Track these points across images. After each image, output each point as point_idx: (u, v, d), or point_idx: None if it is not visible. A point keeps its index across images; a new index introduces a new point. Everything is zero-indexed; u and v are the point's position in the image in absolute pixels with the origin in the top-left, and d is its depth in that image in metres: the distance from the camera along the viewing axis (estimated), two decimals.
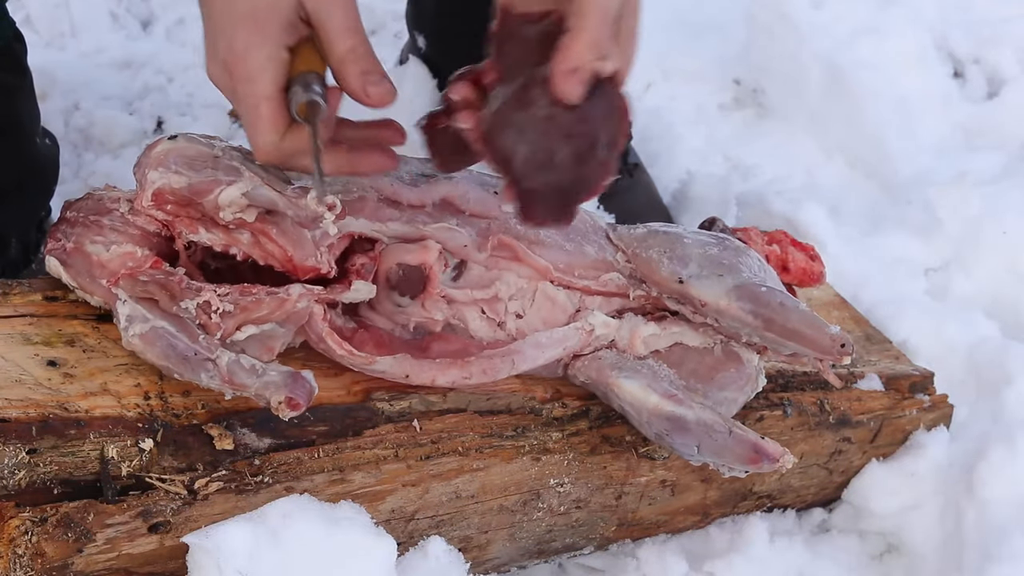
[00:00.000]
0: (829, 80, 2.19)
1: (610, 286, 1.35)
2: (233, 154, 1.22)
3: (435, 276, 1.27)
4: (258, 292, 1.20)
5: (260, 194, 1.20)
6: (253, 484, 1.15)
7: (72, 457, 1.10)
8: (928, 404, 1.57)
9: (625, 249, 1.35)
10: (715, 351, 1.34)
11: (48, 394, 1.13)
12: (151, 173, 1.21)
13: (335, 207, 1.21)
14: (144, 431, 1.14)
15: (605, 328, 1.33)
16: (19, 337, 1.19)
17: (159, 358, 1.17)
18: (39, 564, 1.06)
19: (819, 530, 1.57)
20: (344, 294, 1.25)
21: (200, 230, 1.23)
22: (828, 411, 1.48)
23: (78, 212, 1.25)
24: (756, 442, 1.25)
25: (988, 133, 2.28)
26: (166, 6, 2.31)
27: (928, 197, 1.99)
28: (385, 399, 1.26)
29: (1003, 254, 1.95)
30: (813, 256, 1.47)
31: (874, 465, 1.54)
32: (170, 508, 1.11)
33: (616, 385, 1.29)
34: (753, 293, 1.28)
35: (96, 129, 1.98)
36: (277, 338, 1.24)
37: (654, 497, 1.40)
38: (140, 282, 1.19)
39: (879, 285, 1.82)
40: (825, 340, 1.26)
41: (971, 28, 2.42)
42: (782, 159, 2.17)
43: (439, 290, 1.28)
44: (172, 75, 2.12)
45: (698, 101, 2.28)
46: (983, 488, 1.47)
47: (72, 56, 2.15)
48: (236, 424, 1.18)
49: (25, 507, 1.06)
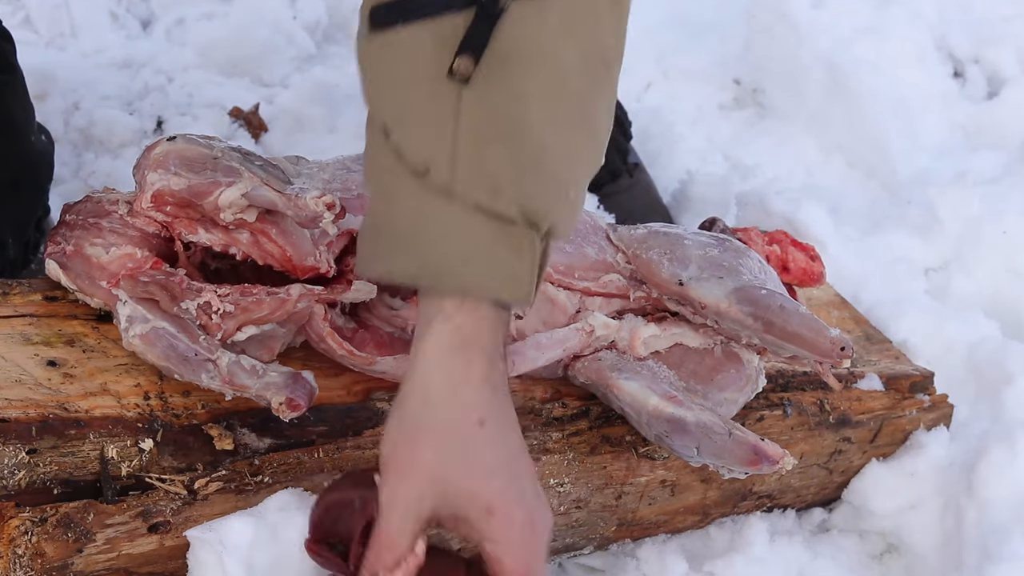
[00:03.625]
0: (829, 80, 2.19)
1: (610, 287, 1.35)
2: (232, 155, 1.22)
3: None
4: (258, 292, 1.20)
5: (260, 194, 1.20)
6: (253, 484, 1.15)
7: (72, 457, 1.10)
8: (928, 404, 1.57)
9: (625, 250, 1.35)
10: (715, 352, 1.34)
11: (48, 394, 1.13)
12: (150, 175, 1.21)
13: (335, 207, 1.21)
14: (144, 431, 1.14)
15: (605, 329, 1.33)
16: (19, 337, 1.19)
17: (159, 359, 1.17)
18: (39, 564, 1.06)
19: (819, 530, 1.57)
20: (345, 294, 1.25)
21: (199, 231, 1.23)
22: (828, 411, 1.48)
23: (77, 215, 1.25)
24: (756, 444, 1.25)
25: (988, 133, 2.28)
26: (166, 6, 2.31)
27: (928, 197, 1.99)
28: (385, 399, 1.26)
29: (1003, 254, 1.95)
30: (813, 256, 1.47)
31: (874, 465, 1.54)
32: (170, 508, 1.11)
33: (616, 386, 1.29)
34: (753, 295, 1.28)
35: (96, 129, 1.98)
36: (277, 338, 1.24)
37: (654, 497, 1.40)
38: (141, 283, 1.19)
39: (879, 285, 1.82)
40: (825, 343, 1.26)
41: (971, 28, 2.42)
42: (782, 159, 2.17)
43: None
44: (172, 75, 2.12)
45: (698, 101, 2.28)
46: (983, 488, 1.47)
47: (72, 56, 2.15)
48: (236, 424, 1.18)
49: (25, 507, 1.06)
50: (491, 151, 0.99)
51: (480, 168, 0.99)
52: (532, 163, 1.00)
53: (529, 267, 1.01)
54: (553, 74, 1.00)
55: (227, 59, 2.18)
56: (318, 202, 1.17)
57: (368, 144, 1.05)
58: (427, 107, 1.00)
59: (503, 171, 0.99)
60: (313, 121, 2.07)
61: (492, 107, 0.99)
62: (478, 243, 1.00)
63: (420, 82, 1.00)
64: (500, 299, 1.01)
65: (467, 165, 0.99)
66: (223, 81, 2.14)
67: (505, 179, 0.99)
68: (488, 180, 0.99)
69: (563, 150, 1.02)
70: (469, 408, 1.01)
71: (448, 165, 0.99)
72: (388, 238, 1.02)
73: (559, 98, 1.01)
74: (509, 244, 1.00)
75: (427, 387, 1.02)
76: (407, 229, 1.01)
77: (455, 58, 0.98)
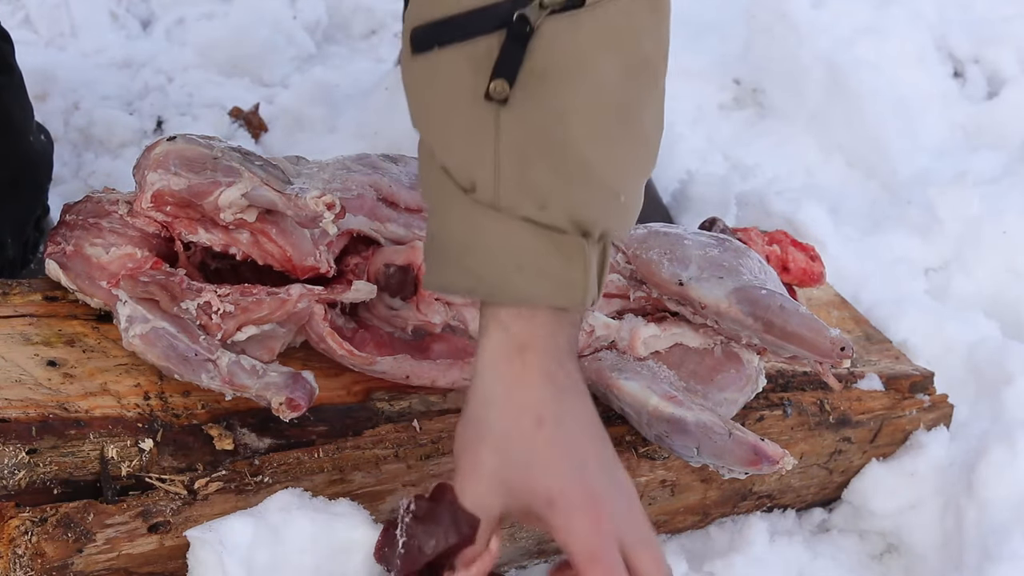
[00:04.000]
0: (829, 80, 2.19)
1: (610, 287, 1.35)
2: (232, 155, 1.22)
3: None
4: (258, 292, 1.20)
5: (260, 194, 1.20)
6: (253, 484, 1.15)
7: (72, 457, 1.10)
8: (928, 404, 1.57)
9: (625, 250, 1.35)
10: (715, 352, 1.34)
11: (48, 394, 1.13)
12: (150, 175, 1.21)
13: (335, 207, 1.21)
14: (144, 431, 1.14)
15: (605, 329, 1.33)
16: (19, 337, 1.19)
17: (159, 359, 1.17)
18: (39, 564, 1.06)
19: (819, 530, 1.57)
20: (345, 294, 1.25)
21: (199, 231, 1.23)
22: (828, 411, 1.48)
23: (77, 215, 1.25)
24: (756, 444, 1.24)
25: (988, 133, 2.28)
26: (166, 6, 2.31)
27: (928, 197, 1.99)
28: (385, 399, 1.26)
29: (1003, 254, 1.95)
30: (813, 256, 1.47)
31: (874, 465, 1.54)
32: (170, 508, 1.11)
33: (616, 386, 1.29)
34: (753, 296, 1.28)
35: (96, 129, 1.98)
36: (277, 338, 1.24)
37: (654, 497, 1.40)
38: (141, 283, 1.19)
39: (879, 285, 1.82)
40: (825, 343, 1.26)
41: (971, 28, 2.42)
42: (782, 159, 2.17)
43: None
44: (172, 75, 2.12)
45: (698, 101, 2.28)
46: (983, 488, 1.47)
47: (72, 56, 2.15)
48: (236, 424, 1.18)
49: (25, 507, 1.06)
50: (534, 168, 1.00)
51: (524, 185, 1.00)
52: (577, 176, 1.01)
53: (582, 272, 1.03)
54: (592, 87, 1.01)
55: (227, 59, 2.18)
56: (318, 202, 1.17)
57: (420, 161, 1.07)
58: (468, 129, 1.01)
59: (548, 186, 1.00)
60: (313, 121, 2.07)
61: (531, 126, 1.00)
62: (529, 253, 1.01)
63: (459, 105, 1.01)
64: (556, 305, 1.03)
65: (511, 183, 1.00)
66: (223, 81, 2.14)
67: (550, 194, 1.00)
68: (533, 196, 1.00)
69: (608, 160, 1.03)
70: (525, 408, 1.03)
71: (492, 184, 1.00)
72: (444, 253, 1.04)
73: (600, 110, 1.02)
74: (560, 252, 1.02)
75: (485, 391, 1.04)
76: (461, 243, 1.03)
77: (490, 81, 0.99)
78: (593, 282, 1.04)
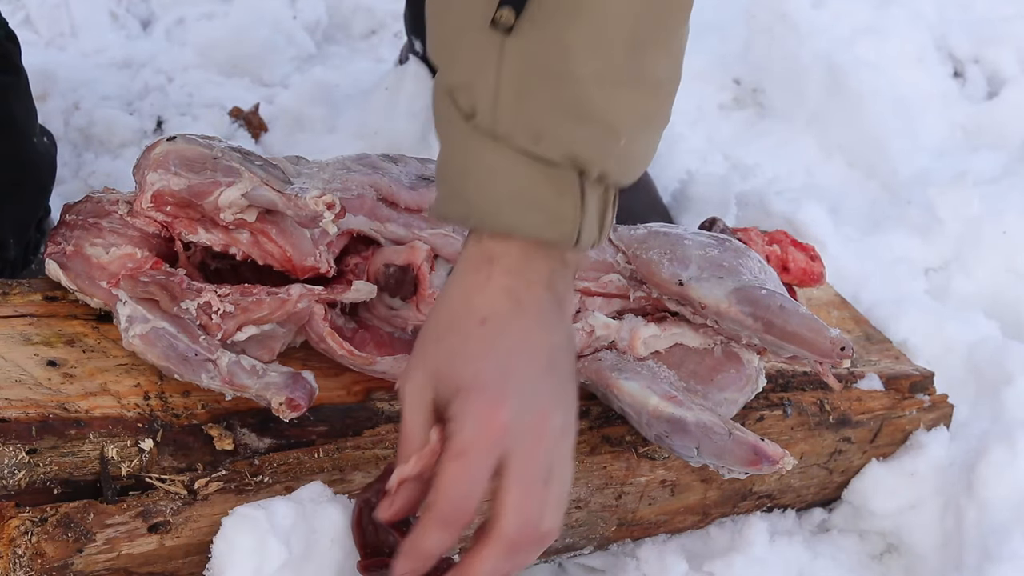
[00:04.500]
0: (829, 80, 2.19)
1: (610, 287, 1.35)
2: (232, 155, 1.22)
3: (424, 277, 1.27)
4: (259, 292, 1.20)
5: (260, 194, 1.20)
6: (253, 484, 1.15)
7: (72, 457, 1.10)
8: (928, 404, 1.57)
9: (625, 250, 1.35)
10: (715, 352, 1.34)
11: (48, 394, 1.13)
12: (150, 175, 1.21)
13: (335, 206, 1.21)
14: (144, 431, 1.14)
15: (605, 329, 1.33)
16: (19, 337, 1.19)
17: (159, 359, 1.17)
18: (39, 564, 1.06)
19: (819, 530, 1.57)
20: (345, 294, 1.25)
21: (199, 231, 1.23)
22: (828, 411, 1.48)
23: (77, 215, 1.25)
24: (756, 444, 1.24)
25: (988, 133, 2.28)
26: (166, 6, 2.31)
27: (928, 197, 1.99)
28: (385, 399, 1.26)
29: (1003, 254, 1.95)
30: (813, 256, 1.47)
31: (874, 465, 1.54)
32: (170, 508, 1.11)
33: (616, 386, 1.29)
34: (753, 296, 1.28)
35: (96, 129, 1.98)
36: (277, 338, 1.24)
37: (654, 497, 1.40)
38: (141, 283, 1.19)
39: (879, 285, 1.82)
40: (825, 343, 1.26)
41: (971, 28, 2.42)
42: (782, 159, 2.17)
43: (431, 291, 1.28)
44: (172, 75, 2.12)
45: (698, 101, 2.28)
46: (983, 488, 1.47)
47: (72, 56, 2.15)
48: (236, 424, 1.18)
49: (25, 507, 1.06)
50: (531, 100, 1.00)
51: (521, 116, 1.01)
52: (575, 111, 1.01)
53: (573, 207, 1.02)
54: (600, 23, 1.01)
55: (227, 59, 2.18)
56: (318, 202, 1.18)
57: (433, 91, 1.07)
58: (473, 55, 1.01)
59: (544, 118, 1.01)
60: (313, 121, 2.07)
61: (533, 57, 1.00)
62: (522, 184, 1.02)
63: (468, 31, 1.01)
64: (543, 238, 1.03)
65: (508, 112, 1.01)
66: (223, 81, 2.14)
67: (546, 126, 1.01)
68: (529, 126, 1.01)
69: (611, 100, 1.02)
70: (475, 309, 1.03)
71: (490, 112, 1.01)
72: (447, 182, 1.06)
73: (607, 46, 1.01)
74: (553, 186, 1.01)
75: (446, 296, 1.05)
76: (459, 171, 1.04)
77: (497, 8, 1.00)
78: (592, 221, 1.04)
